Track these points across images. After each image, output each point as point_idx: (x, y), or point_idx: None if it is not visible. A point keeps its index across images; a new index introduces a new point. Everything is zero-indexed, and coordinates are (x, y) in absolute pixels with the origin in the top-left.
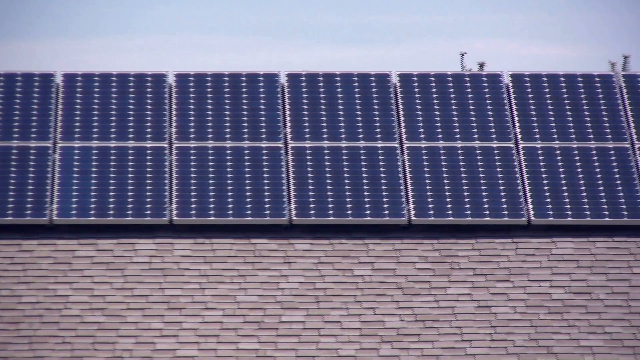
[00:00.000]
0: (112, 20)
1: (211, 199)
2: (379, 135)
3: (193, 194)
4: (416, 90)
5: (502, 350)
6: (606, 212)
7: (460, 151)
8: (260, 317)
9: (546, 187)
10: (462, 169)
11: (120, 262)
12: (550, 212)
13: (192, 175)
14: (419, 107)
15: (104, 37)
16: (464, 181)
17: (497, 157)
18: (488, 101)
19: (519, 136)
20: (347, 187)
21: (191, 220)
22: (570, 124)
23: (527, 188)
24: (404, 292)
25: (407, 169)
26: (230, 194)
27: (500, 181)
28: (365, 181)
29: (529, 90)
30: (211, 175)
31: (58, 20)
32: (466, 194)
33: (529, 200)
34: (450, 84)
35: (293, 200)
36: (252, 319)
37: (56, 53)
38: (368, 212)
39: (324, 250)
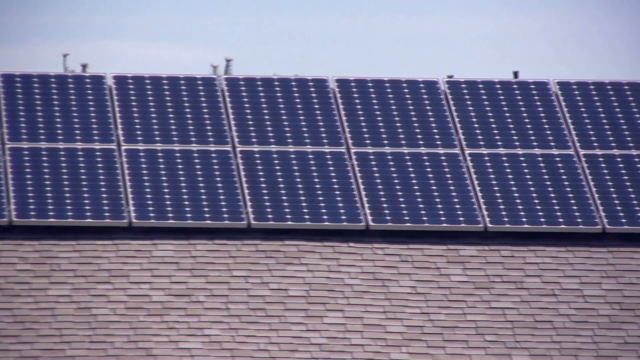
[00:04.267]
0: None
1: None
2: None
3: None
4: (19, 91)
5: (101, 352)
6: (207, 215)
7: (62, 152)
8: None
9: (148, 190)
10: (64, 170)
11: None
12: (152, 214)
13: None
14: (21, 107)
15: None
16: (66, 182)
17: (99, 159)
18: (91, 102)
19: (121, 138)
20: None
21: None
22: (173, 127)
23: (129, 190)
24: (4, 294)
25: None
26: None
27: (102, 183)
28: None
29: (132, 92)
30: None
31: None
32: (68, 195)
33: (131, 202)
34: (54, 85)
35: None
36: None
37: None
38: None
39: None
